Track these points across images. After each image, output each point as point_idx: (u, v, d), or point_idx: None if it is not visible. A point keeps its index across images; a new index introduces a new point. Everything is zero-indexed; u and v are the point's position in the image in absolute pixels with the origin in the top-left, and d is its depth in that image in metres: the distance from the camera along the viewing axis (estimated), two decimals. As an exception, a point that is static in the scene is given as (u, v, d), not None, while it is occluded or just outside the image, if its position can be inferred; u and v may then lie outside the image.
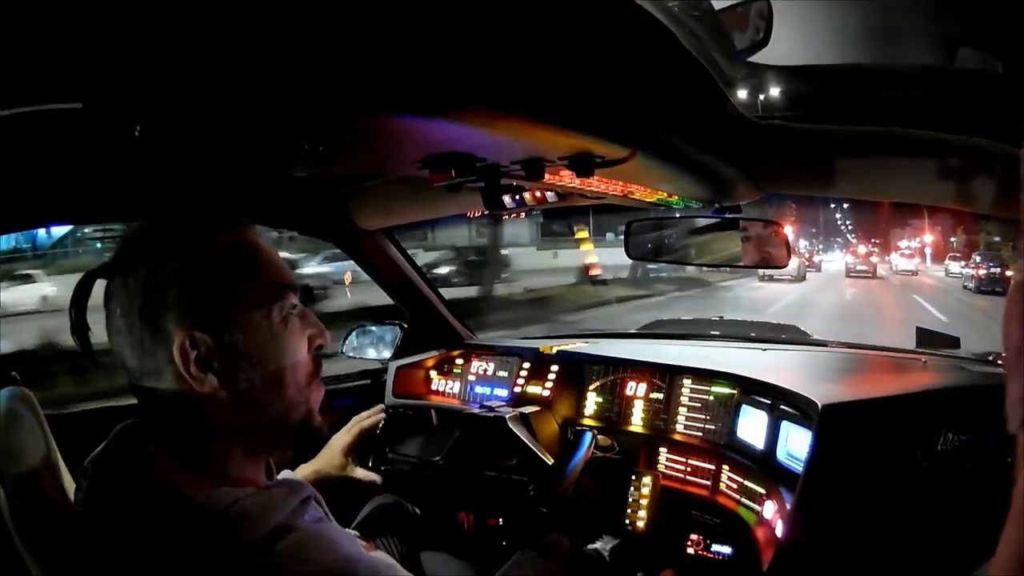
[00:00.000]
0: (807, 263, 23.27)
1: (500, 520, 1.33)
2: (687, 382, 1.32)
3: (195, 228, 0.61)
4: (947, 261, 22.27)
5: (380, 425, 1.25)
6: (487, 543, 1.33)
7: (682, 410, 1.31)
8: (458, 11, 0.49)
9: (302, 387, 0.63)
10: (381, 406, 1.31)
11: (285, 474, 0.97)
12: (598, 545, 1.20)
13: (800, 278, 17.75)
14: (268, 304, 0.60)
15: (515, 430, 1.27)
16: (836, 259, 33.09)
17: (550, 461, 1.21)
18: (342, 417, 1.26)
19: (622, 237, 1.38)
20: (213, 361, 0.57)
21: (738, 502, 1.16)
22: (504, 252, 13.37)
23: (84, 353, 0.62)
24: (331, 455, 1.15)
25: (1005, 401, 0.33)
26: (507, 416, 1.28)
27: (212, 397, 0.57)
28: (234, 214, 0.64)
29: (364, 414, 1.25)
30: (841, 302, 13.39)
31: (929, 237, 31.94)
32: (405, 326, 1.74)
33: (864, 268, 22.37)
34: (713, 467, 1.23)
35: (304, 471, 1.08)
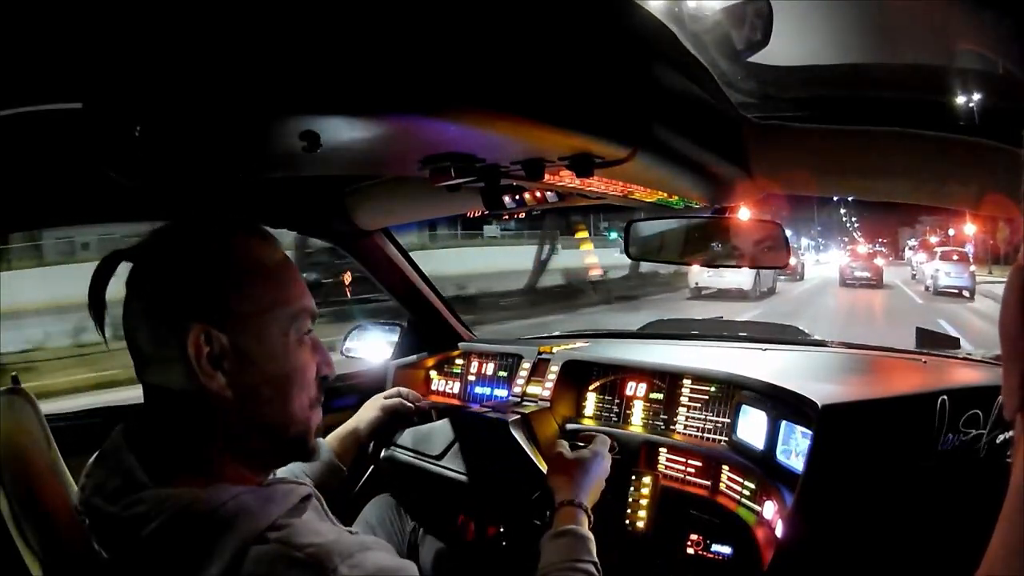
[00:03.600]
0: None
1: (501, 528, 1.33)
2: (687, 382, 1.32)
3: (230, 233, 0.62)
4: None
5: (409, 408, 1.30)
6: (487, 543, 1.33)
7: (682, 410, 1.31)
8: (458, 11, 0.49)
9: (304, 407, 0.64)
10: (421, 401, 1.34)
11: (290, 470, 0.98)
12: None
13: (759, 293, 12.29)
14: (288, 321, 0.62)
15: (516, 435, 1.27)
16: (833, 261, 25.76)
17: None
18: (342, 417, 1.26)
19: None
20: (224, 360, 0.58)
21: (738, 502, 1.16)
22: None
23: (99, 331, 0.63)
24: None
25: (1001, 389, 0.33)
26: (509, 421, 1.28)
27: (218, 395, 0.58)
28: (266, 229, 0.65)
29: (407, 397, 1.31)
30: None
31: (971, 228, 22.18)
32: (405, 326, 1.74)
33: (866, 275, 16.13)
34: (713, 467, 1.23)
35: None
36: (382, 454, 1.44)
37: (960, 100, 0.90)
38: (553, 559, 0.85)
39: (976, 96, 0.89)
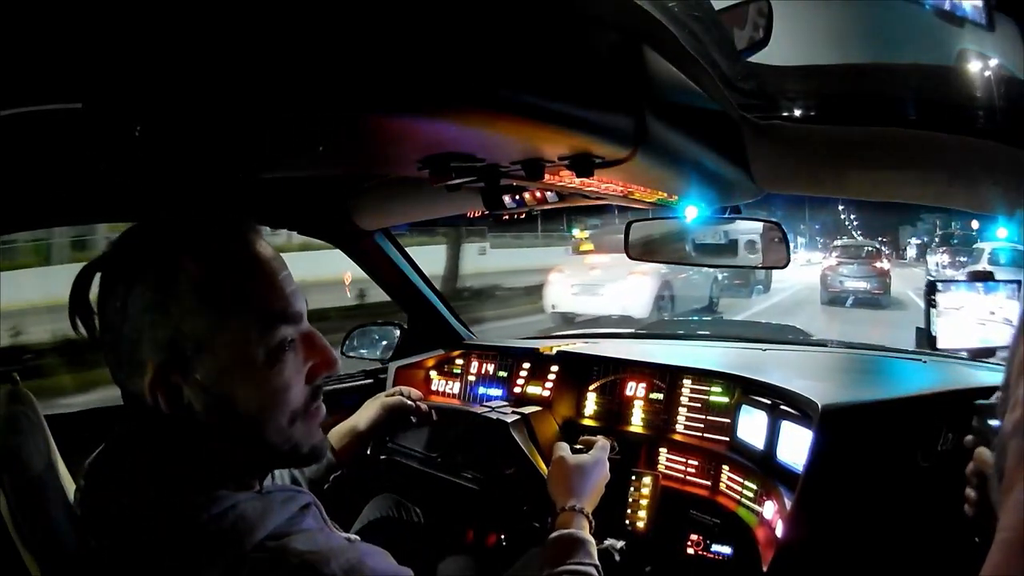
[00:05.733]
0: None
1: (501, 535, 1.33)
2: (687, 382, 1.32)
3: (198, 239, 0.57)
4: None
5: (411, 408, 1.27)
6: (488, 543, 1.33)
7: (682, 410, 1.31)
8: (458, 11, 0.49)
9: (284, 428, 0.58)
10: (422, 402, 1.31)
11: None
12: (607, 544, 1.18)
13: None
14: (252, 342, 0.55)
15: (515, 436, 1.27)
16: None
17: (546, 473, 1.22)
18: (342, 417, 1.26)
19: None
20: (183, 396, 0.55)
21: (738, 502, 1.16)
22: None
23: (91, 343, 0.61)
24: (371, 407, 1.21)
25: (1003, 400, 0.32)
26: (509, 422, 1.28)
27: (196, 423, 0.56)
28: (238, 219, 0.60)
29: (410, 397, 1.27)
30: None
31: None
32: (405, 326, 1.74)
33: (863, 285, 10.08)
34: (713, 467, 1.23)
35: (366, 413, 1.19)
36: (382, 455, 1.44)
37: (962, 100, 0.91)
38: (554, 562, 0.85)
39: (978, 96, 0.89)
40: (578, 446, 1.11)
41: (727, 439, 1.23)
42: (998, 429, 0.80)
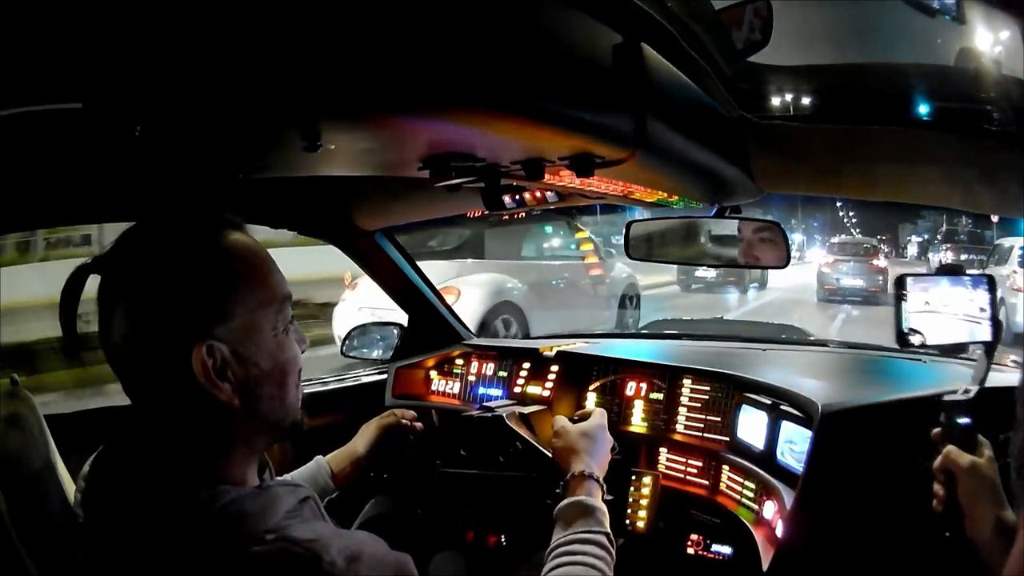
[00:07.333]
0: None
1: (502, 537, 1.33)
2: (687, 382, 1.32)
3: (203, 230, 0.60)
4: None
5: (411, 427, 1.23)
6: (488, 544, 1.33)
7: (682, 410, 1.31)
8: (458, 11, 0.49)
9: (296, 394, 0.65)
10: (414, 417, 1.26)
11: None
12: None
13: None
14: (275, 314, 0.61)
15: (515, 428, 1.27)
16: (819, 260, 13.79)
17: (551, 454, 1.21)
18: (342, 417, 1.26)
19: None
20: (228, 370, 0.58)
21: (738, 502, 1.16)
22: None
23: (73, 351, 0.62)
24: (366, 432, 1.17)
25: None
26: (506, 415, 1.28)
27: (226, 405, 0.58)
28: (236, 217, 0.63)
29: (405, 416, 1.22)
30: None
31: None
32: (405, 326, 1.74)
33: (859, 283, 10.08)
34: (713, 467, 1.23)
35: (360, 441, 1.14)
36: (384, 474, 1.43)
37: (962, 100, 0.90)
38: (565, 531, 0.84)
39: (980, 95, 0.89)
40: (575, 419, 1.10)
41: (727, 439, 1.23)
42: (967, 426, 0.81)
